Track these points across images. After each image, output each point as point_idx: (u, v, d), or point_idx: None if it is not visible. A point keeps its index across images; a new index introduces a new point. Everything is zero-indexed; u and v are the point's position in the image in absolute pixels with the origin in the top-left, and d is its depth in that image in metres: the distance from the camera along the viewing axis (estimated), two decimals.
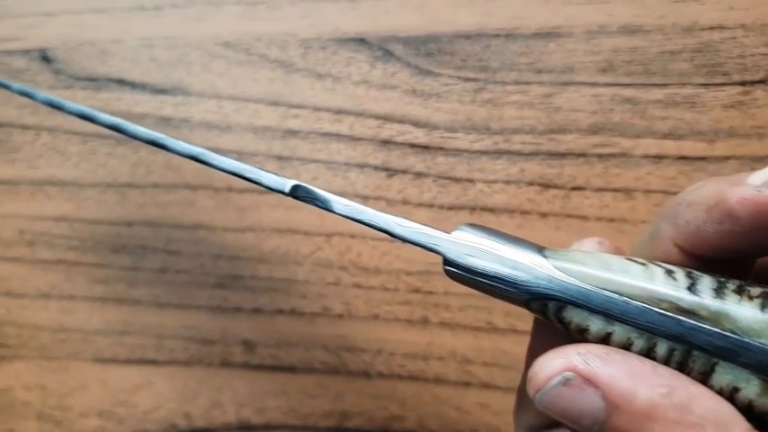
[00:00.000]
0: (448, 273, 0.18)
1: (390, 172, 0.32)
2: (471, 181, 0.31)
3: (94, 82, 0.37)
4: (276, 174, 0.21)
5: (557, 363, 0.15)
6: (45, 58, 0.38)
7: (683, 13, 0.29)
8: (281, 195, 0.34)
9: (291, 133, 0.33)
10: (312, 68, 0.33)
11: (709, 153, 0.29)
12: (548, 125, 0.30)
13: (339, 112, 0.33)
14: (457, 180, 0.32)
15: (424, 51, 0.32)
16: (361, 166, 0.33)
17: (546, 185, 0.31)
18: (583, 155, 0.30)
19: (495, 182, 0.31)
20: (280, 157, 0.34)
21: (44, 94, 0.27)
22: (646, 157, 0.30)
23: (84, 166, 0.37)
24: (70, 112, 0.26)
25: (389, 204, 0.32)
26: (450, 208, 0.32)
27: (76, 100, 0.37)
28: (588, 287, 0.15)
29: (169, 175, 0.35)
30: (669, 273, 0.15)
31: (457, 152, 0.32)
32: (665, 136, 0.30)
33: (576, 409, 0.14)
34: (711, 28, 0.29)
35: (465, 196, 0.31)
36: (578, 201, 0.30)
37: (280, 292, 0.34)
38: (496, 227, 0.18)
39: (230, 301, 0.35)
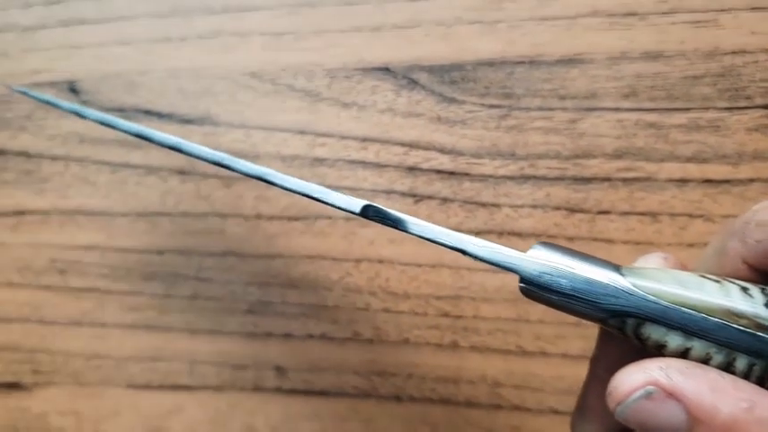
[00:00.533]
0: (524, 291, 0.18)
1: (417, 198, 0.33)
2: (497, 206, 0.32)
3: (122, 113, 0.37)
4: (345, 194, 0.21)
5: (639, 377, 0.15)
6: (73, 89, 0.38)
7: (705, 39, 0.30)
8: (308, 221, 0.35)
9: (319, 161, 0.34)
10: (338, 97, 0.34)
11: (733, 176, 0.29)
12: (572, 150, 0.31)
13: (365, 139, 0.33)
14: (483, 205, 0.32)
15: (448, 79, 0.33)
16: (388, 192, 0.33)
17: (572, 210, 0.31)
18: (608, 179, 0.31)
19: (521, 207, 0.32)
20: None
21: (94, 111, 0.27)
22: (670, 180, 0.30)
23: (114, 196, 0.37)
24: (123, 130, 0.26)
25: None
26: (478, 233, 0.32)
27: (104, 130, 0.37)
28: (666, 304, 0.16)
29: (199, 203, 0.36)
30: (744, 290, 0.16)
31: (483, 178, 0.32)
32: (689, 159, 0.30)
33: (658, 422, 0.15)
34: (733, 52, 0.29)
35: (492, 221, 0.32)
36: (604, 225, 0.31)
37: (310, 318, 0.34)
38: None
39: (261, 326, 0.35)
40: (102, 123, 0.27)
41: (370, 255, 0.34)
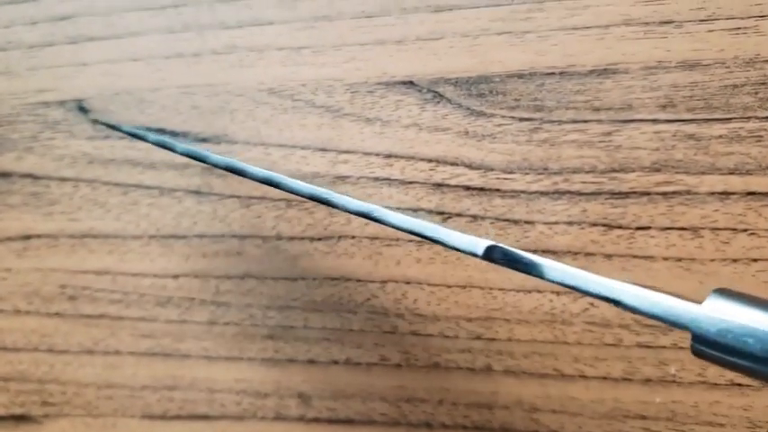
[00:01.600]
0: (698, 353, 0.15)
1: (445, 215, 0.32)
2: (531, 223, 0.31)
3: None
4: (465, 233, 0.18)
5: None
6: (81, 108, 0.37)
7: (744, 46, 0.29)
8: (330, 242, 0.33)
9: (341, 179, 0.33)
10: (360, 113, 0.33)
11: None
12: (608, 164, 0.30)
13: (389, 156, 0.32)
14: (516, 222, 0.31)
15: (475, 92, 0.31)
16: (415, 209, 0.32)
17: (609, 226, 0.30)
18: (646, 193, 0.29)
19: (556, 223, 0.30)
20: None
21: (183, 146, 0.26)
22: (712, 194, 0.29)
23: (125, 218, 0.36)
24: (214, 164, 0.25)
25: (444, 249, 0.31)
26: None
27: (115, 150, 0.36)
28: None
29: (215, 224, 0.34)
30: None
31: (514, 194, 0.31)
32: (731, 172, 0.29)
33: None
34: None
35: (525, 239, 0.31)
36: (644, 241, 0.29)
37: (334, 342, 0.33)
38: None
39: (283, 352, 0.34)
40: (191, 157, 0.25)
41: (396, 275, 0.32)
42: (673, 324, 0.15)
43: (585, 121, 0.30)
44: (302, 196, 0.22)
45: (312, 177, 0.33)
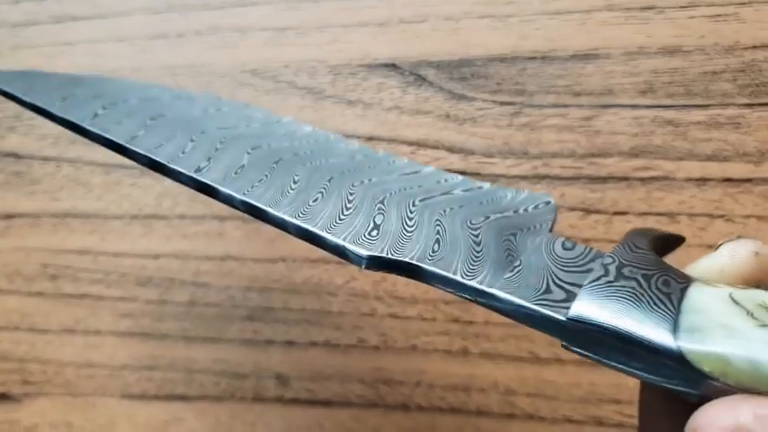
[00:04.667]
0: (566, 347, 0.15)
1: None
2: None
3: None
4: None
5: (727, 421, 0.13)
6: None
7: (724, 33, 0.29)
8: None
9: None
10: (342, 95, 0.33)
11: (755, 174, 0.28)
12: (588, 149, 0.30)
13: (371, 138, 0.32)
14: None
15: (457, 75, 0.31)
16: None
17: (588, 210, 0.30)
18: (625, 178, 0.29)
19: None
20: None
21: (60, 114, 0.23)
22: (689, 180, 0.29)
23: (107, 198, 0.36)
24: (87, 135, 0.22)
25: None
26: None
27: None
28: (730, 388, 0.13)
29: (196, 206, 0.34)
30: None
31: (494, 177, 0.31)
32: (709, 158, 0.29)
33: None
34: (754, 47, 0.28)
35: None
36: (621, 225, 0.29)
37: (313, 324, 0.33)
38: None
39: (262, 333, 0.34)
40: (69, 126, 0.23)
41: None
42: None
43: (566, 106, 0.30)
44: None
45: None
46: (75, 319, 0.36)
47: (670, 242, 0.18)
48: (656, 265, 0.15)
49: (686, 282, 0.15)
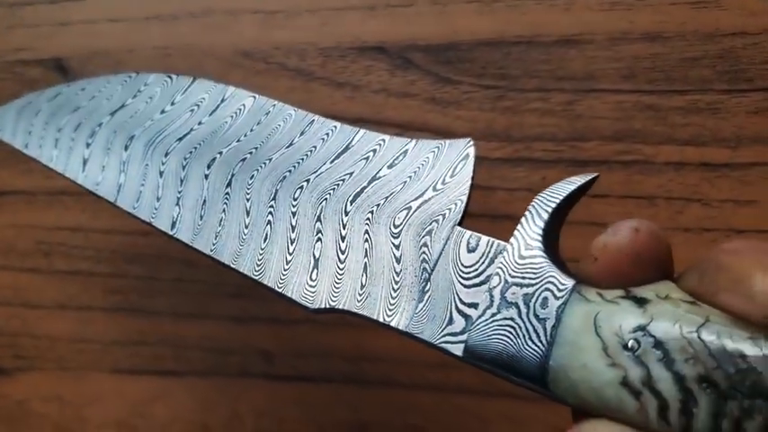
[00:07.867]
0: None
1: None
2: (492, 189, 0.31)
3: None
4: None
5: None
6: (60, 67, 0.38)
7: (705, 20, 0.29)
8: None
9: None
10: (331, 77, 0.33)
11: (732, 160, 0.29)
12: (569, 133, 0.30)
13: (358, 120, 0.33)
14: (477, 188, 0.31)
15: (443, 59, 0.32)
16: None
17: None
18: (605, 162, 0.30)
19: (516, 190, 0.31)
20: None
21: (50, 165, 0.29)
22: (668, 164, 0.30)
23: None
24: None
25: None
26: (471, 215, 0.31)
27: None
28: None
29: None
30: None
31: (477, 160, 0.31)
32: (687, 143, 0.29)
33: None
34: (733, 34, 0.29)
35: (486, 204, 0.31)
36: (601, 208, 0.30)
37: None
38: None
39: (248, 311, 0.34)
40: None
41: None
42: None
43: (548, 90, 0.31)
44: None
45: None
46: (67, 294, 0.37)
47: (583, 188, 0.19)
48: (540, 275, 0.17)
49: (566, 294, 0.16)
